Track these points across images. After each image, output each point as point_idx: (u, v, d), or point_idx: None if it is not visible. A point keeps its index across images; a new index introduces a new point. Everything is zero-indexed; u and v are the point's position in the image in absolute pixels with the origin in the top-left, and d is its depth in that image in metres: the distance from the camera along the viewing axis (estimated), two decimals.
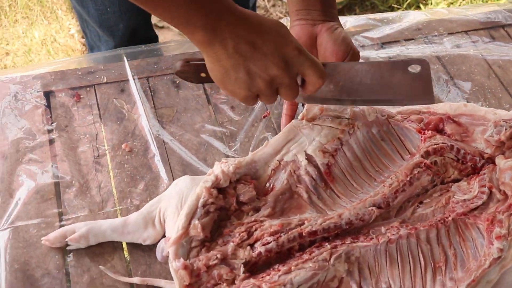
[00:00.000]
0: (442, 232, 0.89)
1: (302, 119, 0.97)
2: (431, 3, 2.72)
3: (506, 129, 0.96)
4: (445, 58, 1.29)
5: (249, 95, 0.85)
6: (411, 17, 1.39)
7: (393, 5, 2.69)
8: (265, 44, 0.81)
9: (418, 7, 2.70)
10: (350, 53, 0.98)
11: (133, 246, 0.94)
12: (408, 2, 2.69)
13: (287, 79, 0.84)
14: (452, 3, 2.70)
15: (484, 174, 0.94)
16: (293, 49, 0.83)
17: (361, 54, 1.14)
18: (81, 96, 1.15)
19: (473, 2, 2.74)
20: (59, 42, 2.47)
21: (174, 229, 0.86)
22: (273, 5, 2.77)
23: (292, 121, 0.98)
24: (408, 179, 0.93)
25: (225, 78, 0.83)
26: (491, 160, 0.97)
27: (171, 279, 0.86)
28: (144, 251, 0.93)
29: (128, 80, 1.18)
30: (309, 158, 0.94)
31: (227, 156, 1.07)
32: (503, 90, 1.24)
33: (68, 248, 0.93)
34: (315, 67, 0.85)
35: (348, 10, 2.72)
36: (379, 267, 0.86)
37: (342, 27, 1.02)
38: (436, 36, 1.35)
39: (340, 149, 0.96)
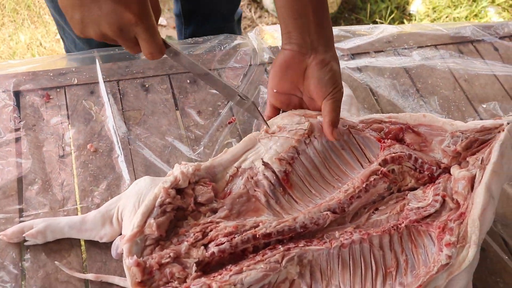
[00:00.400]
0: (395, 238, 0.91)
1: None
2: (415, 19, 2.75)
3: (462, 140, 0.98)
4: (412, 71, 1.32)
5: (84, 36, 0.86)
6: (382, 30, 1.42)
7: (377, 19, 2.72)
8: (105, 1, 0.80)
9: (402, 23, 2.73)
10: (332, 92, 0.97)
11: (90, 243, 0.95)
12: (392, 17, 2.72)
13: (121, 41, 0.85)
14: (435, 20, 2.73)
15: (439, 183, 0.96)
16: (132, 17, 0.82)
17: None
18: (50, 97, 1.16)
19: (456, 20, 2.77)
20: (44, 46, 2.49)
21: (129, 227, 0.87)
22: (260, 16, 2.80)
23: (252, 132, 1.00)
24: (364, 185, 0.94)
25: (63, 10, 0.84)
26: (447, 170, 0.99)
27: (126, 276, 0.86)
28: (101, 248, 0.95)
29: (98, 82, 1.20)
30: (266, 165, 0.96)
31: (190, 159, 1.09)
32: (467, 103, 1.26)
33: (25, 243, 0.94)
34: (148, 44, 0.86)
35: (334, 23, 2.75)
36: (331, 270, 0.88)
37: (335, 58, 0.99)
38: (405, 49, 1.38)
39: (297, 158, 0.97)
